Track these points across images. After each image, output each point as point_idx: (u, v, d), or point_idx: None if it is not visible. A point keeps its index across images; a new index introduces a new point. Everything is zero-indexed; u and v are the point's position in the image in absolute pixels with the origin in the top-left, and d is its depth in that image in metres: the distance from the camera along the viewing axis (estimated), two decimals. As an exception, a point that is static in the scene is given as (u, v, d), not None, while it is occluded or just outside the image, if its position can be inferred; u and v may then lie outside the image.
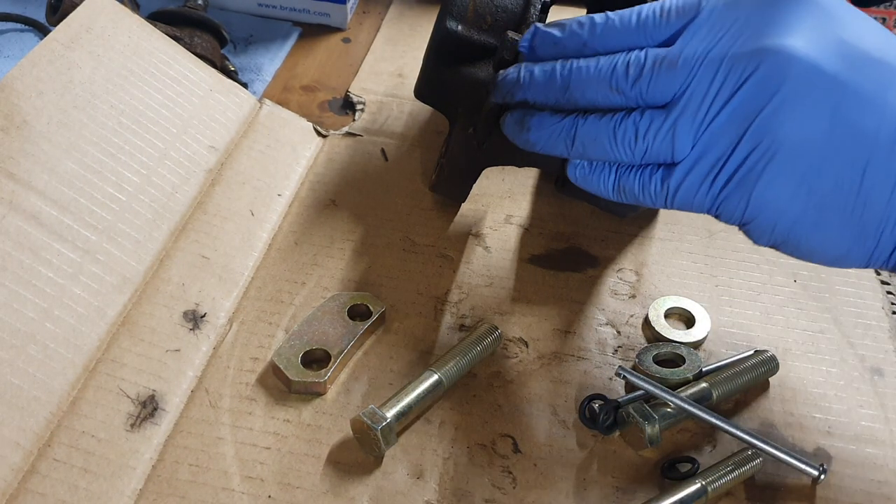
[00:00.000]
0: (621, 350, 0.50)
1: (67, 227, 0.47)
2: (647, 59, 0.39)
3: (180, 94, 0.57)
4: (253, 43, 0.75)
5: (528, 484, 0.44)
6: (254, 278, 0.53)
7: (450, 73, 0.52)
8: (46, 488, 0.41)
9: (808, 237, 0.38)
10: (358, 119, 0.67)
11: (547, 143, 0.42)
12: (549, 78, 0.42)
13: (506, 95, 0.44)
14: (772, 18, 0.37)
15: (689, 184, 0.39)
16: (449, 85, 0.53)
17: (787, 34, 0.37)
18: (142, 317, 0.48)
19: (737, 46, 0.37)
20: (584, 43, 0.41)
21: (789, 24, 0.37)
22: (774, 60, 0.36)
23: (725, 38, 0.38)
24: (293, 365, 0.47)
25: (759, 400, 0.48)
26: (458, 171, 0.55)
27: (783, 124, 0.36)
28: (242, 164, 0.58)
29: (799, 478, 0.44)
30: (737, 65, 0.37)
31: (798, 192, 0.37)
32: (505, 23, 0.52)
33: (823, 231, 0.37)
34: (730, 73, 0.37)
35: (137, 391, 0.45)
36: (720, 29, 0.38)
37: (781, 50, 0.36)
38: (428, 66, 0.54)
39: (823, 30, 0.37)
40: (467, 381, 0.48)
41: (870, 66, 0.36)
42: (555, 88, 0.42)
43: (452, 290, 0.53)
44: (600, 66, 0.40)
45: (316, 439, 0.45)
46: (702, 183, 0.38)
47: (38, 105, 0.49)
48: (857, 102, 0.36)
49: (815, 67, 0.36)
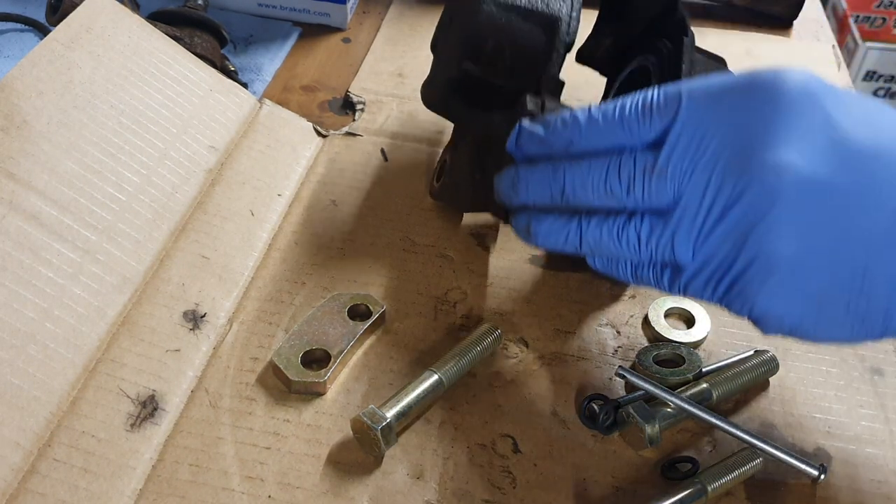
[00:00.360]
0: (621, 350, 0.50)
1: (67, 227, 0.47)
2: (636, 167, 0.39)
3: (180, 94, 0.57)
4: (253, 43, 0.75)
5: (527, 484, 0.44)
6: (254, 278, 0.53)
7: (462, 109, 0.51)
8: (46, 488, 0.41)
9: (813, 332, 0.37)
10: (358, 119, 0.67)
11: (557, 246, 0.43)
12: (544, 185, 0.42)
13: (505, 199, 0.45)
14: (758, 124, 0.36)
15: (695, 286, 0.39)
16: (459, 115, 0.52)
17: (776, 144, 0.36)
18: (142, 317, 0.48)
19: (724, 159, 0.36)
20: (570, 142, 0.42)
21: (777, 131, 0.36)
22: (765, 179, 0.35)
23: (712, 147, 0.37)
24: (293, 365, 0.47)
25: (759, 400, 0.48)
26: (459, 199, 0.55)
27: (778, 240, 0.36)
28: (242, 164, 0.58)
29: (799, 478, 0.44)
30: (726, 182, 0.36)
31: (797, 299, 0.36)
32: (525, 64, 0.49)
33: (828, 327, 0.37)
34: (720, 190, 0.36)
35: (137, 391, 0.45)
36: (704, 134, 0.37)
37: (771, 166, 0.35)
38: (438, 91, 0.52)
39: (813, 131, 0.36)
40: (467, 381, 0.48)
41: (864, 164, 0.35)
42: (551, 194, 0.42)
43: (452, 290, 0.53)
44: (592, 174, 0.40)
45: (316, 439, 0.45)
46: (706, 287, 0.38)
47: (38, 105, 0.49)
48: (853, 206, 0.35)
49: (808, 180, 0.35)
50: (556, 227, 0.42)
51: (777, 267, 0.36)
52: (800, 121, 0.36)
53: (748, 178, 0.36)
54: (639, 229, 0.39)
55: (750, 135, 0.36)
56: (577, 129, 0.41)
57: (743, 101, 0.37)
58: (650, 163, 0.38)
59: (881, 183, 0.35)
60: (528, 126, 0.43)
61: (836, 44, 0.80)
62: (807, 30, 0.82)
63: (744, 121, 0.37)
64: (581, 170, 0.41)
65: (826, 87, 0.37)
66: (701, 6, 0.83)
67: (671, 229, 0.38)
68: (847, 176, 0.35)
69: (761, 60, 0.76)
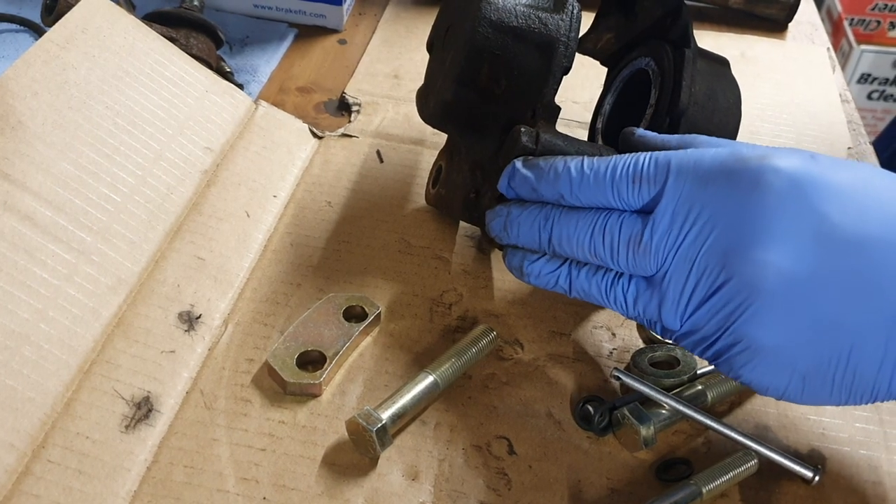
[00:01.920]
0: (616, 352, 0.51)
1: (62, 227, 0.47)
2: (621, 235, 0.40)
3: (176, 95, 0.57)
4: (249, 44, 0.75)
5: (523, 485, 0.44)
6: (249, 279, 0.53)
7: (456, 131, 0.51)
8: (41, 490, 0.41)
9: (800, 399, 0.38)
10: (354, 120, 0.67)
11: (548, 288, 0.45)
12: (533, 230, 0.43)
13: (496, 237, 0.46)
14: (743, 216, 0.37)
15: (685, 346, 0.41)
16: (455, 139, 0.52)
17: (759, 241, 0.36)
18: (136, 318, 0.48)
19: (708, 246, 0.37)
20: (561, 195, 0.43)
21: (761, 227, 0.36)
22: (747, 274, 0.36)
23: (695, 231, 0.38)
24: (288, 366, 0.47)
25: (754, 402, 0.48)
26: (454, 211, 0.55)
27: (760, 330, 0.37)
28: (238, 166, 0.58)
29: (793, 479, 0.44)
30: (709, 269, 0.37)
31: (782, 376, 0.37)
32: (521, 89, 0.48)
33: (815, 397, 0.38)
34: (703, 275, 0.37)
35: (132, 392, 0.45)
36: (689, 217, 0.38)
37: (754, 262, 0.36)
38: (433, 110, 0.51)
39: (797, 225, 0.36)
40: (463, 382, 0.48)
41: (848, 254, 0.36)
42: (539, 241, 0.43)
43: (448, 292, 0.53)
44: (578, 231, 0.42)
45: (311, 441, 0.45)
46: (694, 349, 0.40)
47: (33, 106, 0.49)
48: (836, 296, 0.36)
49: (790, 275, 0.36)
50: (548, 270, 0.44)
51: (760, 351, 0.37)
52: (784, 215, 0.36)
53: (731, 270, 0.37)
54: (626, 290, 0.41)
55: (734, 227, 0.37)
56: (567, 184, 0.42)
57: (729, 188, 0.38)
58: (636, 233, 0.39)
59: (866, 272, 0.36)
60: (521, 169, 0.44)
61: (830, 46, 0.81)
62: (801, 32, 0.82)
63: (729, 210, 0.37)
64: (569, 224, 0.42)
65: (814, 176, 0.37)
66: (696, 8, 0.83)
67: (657, 301, 0.40)
68: (831, 268, 0.36)
69: (756, 63, 0.77)
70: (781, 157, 0.37)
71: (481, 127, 0.49)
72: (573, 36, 0.48)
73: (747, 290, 0.36)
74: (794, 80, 0.75)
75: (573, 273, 0.43)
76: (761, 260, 0.36)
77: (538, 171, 0.43)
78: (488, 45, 0.46)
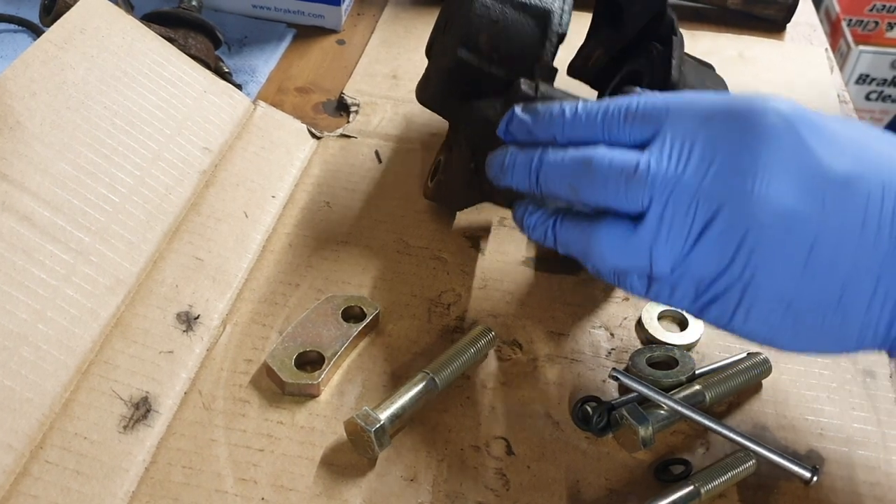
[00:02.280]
0: (615, 352, 0.51)
1: (60, 228, 0.47)
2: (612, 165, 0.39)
3: (174, 95, 0.57)
4: (247, 44, 0.75)
5: (521, 486, 0.44)
6: (247, 280, 0.53)
7: (457, 100, 0.51)
8: (39, 490, 0.41)
9: (789, 344, 0.39)
10: (352, 121, 0.67)
11: (540, 241, 0.44)
12: (524, 170, 0.43)
13: (494, 178, 0.45)
14: (739, 151, 0.37)
15: (674, 298, 0.40)
16: (455, 110, 0.53)
17: (754, 175, 0.36)
18: (135, 318, 0.48)
19: (707, 181, 0.37)
20: (554, 136, 0.43)
21: (755, 162, 0.37)
22: (742, 208, 0.36)
23: (692, 166, 0.37)
24: (287, 367, 0.47)
25: (752, 402, 0.48)
26: (455, 195, 0.55)
27: (754, 266, 0.37)
28: (236, 166, 0.58)
29: (791, 480, 0.44)
30: (707, 203, 0.37)
31: (774, 317, 0.38)
32: (519, 54, 0.50)
33: (803, 341, 0.38)
34: (699, 210, 0.37)
35: (130, 393, 0.45)
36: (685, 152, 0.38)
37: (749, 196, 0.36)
38: (433, 83, 0.53)
39: (789, 162, 0.36)
40: (461, 383, 0.48)
41: (835, 193, 0.36)
42: (529, 180, 0.43)
43: (446, 293, 0.53)
44: (565, 165, 0.41)
45: (309, 441, 0.45)
46: (683, 299, 0.39)
47: (32, 106, 0.49)
48: (831, 236, 0.36)
49: (788, 211, 0.36)
50: (540, 222, 0.43)
51: (753, 289, 0.37)
52: (784, 153, 0.37)
53: (729, 203, 0.37)
54: (612, 232, 0.40)
55: (734, 160, 0.37)
56: (560, 125, 0.42)
57: (726, 125, 0.38)
58: (629, 163, 0.38)
59: (860, 211, 0.36)
60: (519, 113, 0.44)
61: (828, 47, 0.81)
62: (800, 33, 0.82)
63: (729, 144, 0.37)
64: (557, 158, 0.41)
65: (807, 117, 0.37)
66: (693, 9, 0.83)
67: (648, 238, 0.38)
68: (827, 205, 0.36)
69: (754, 64, 0.77)
70: (777, 99, 0.38)
71: (485, 92, 0.50)
72: (567, 8, 0.51)
73: (746, 224, 0.36)
74: (792, 80, 0.75)
75: (559, 222, 0.42)
76: (762, 194, 0.36)
77: (535, 115, 0.44)
78: (487, 13, 0.49)
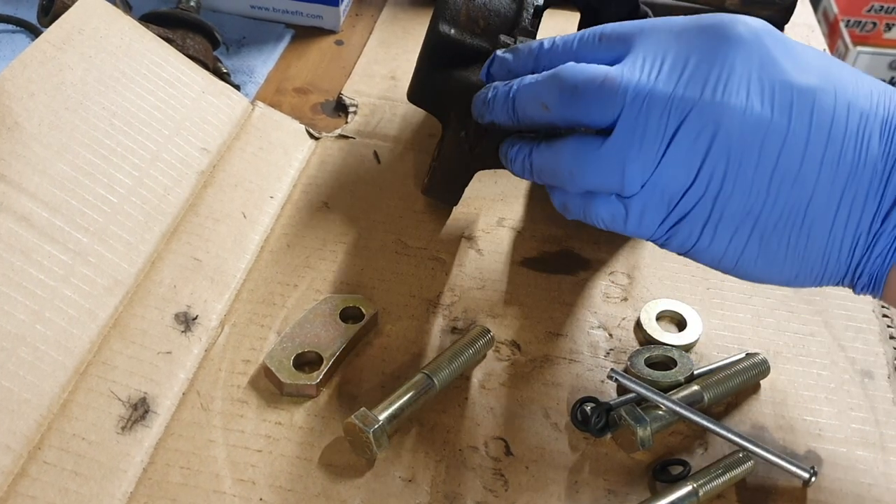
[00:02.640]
0: (613, 353, 0.51)
1: (59, 228, 0.47)
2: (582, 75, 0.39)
3: (172, 95, 0.57)
4: (245, 45, 0.75)
5: (519, 487, 0.44)
6: (246, 280, 0.53)
7: (442, 76, 0.53)
8: (37, 491, 0.40)
9: (753, 268, 0.39)
10: (350, 121, 0.67)
11: (518, 172, 0.45)
12: (503, 98, 0.44)
13: (479, 116, 0.46)
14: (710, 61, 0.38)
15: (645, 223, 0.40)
16: (441, 88, 0.53)
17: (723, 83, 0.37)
18: (133, 319, 0.48)
19: (680, 90, 0.38)
20: (532, 68, 0.44)
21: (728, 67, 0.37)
22: (711, 115, 0.37)
23: (665, 69, 0.38)
24: (285, 367, 0.47)
25: (751, 402, 0.48)
26: (450, 175, 0.55)
27: (724, 176, 0.37)
28: (235, 167, 0.58)
29: (790, 480, 0.44)
30: (676, 110, 0.37)
31: (740, 236, 0.38)
32: (497, 26, 0.52)
33: (768, 264, 0.39)
34: (671, 118, 0.37)
35: (128, 394, 0.45)
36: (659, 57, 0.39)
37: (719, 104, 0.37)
38: (421, 69, 0.54)
39: (765, 71, 0.37)
40: (459, 383, 0.48)
41: (813, 110, 0.37)
42: (507, 111, 0.44)
43: (445, 293, 0.53)
44: (537, 84, 0.42)
45: (308, 442, 0.45)
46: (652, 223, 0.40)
47: (30, 106, 0.49)
48: (796, 150, 0.37)
49: (758, 121, 0.37)
50: (520, 153, 0.45)
51: (721, 201, 0.38)
52: (746, 62, 0.38)
53: (695, 109, 0.37)
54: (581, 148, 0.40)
55: (700, 69, 0.38)
56: (539, 54, 0.44)
57: (697, 37, 0.39)
58: (599, 73, 0.39)
59: (826, 127, 0.37)
60: (501, 54, 0.46)
61: (827, 48, 0.81)
62: (798, 34, 0.82)
63: (696, 55, 0.38)
64: (529, 80, 0.42)
65: (775, 33, 0.39)
66: (692, 10, 0.83)
67: (620, 150, 0.38)
68: (785, 115, 0.37)
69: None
70: (748, 18, 0.40)
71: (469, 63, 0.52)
72: None
73: (714, 128, 0.37)
74: (790, 81, 0.75)
75: (535, 149, 0.43)
76: (731, 100, 0.37)
77: (515, 52, 0.45)
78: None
